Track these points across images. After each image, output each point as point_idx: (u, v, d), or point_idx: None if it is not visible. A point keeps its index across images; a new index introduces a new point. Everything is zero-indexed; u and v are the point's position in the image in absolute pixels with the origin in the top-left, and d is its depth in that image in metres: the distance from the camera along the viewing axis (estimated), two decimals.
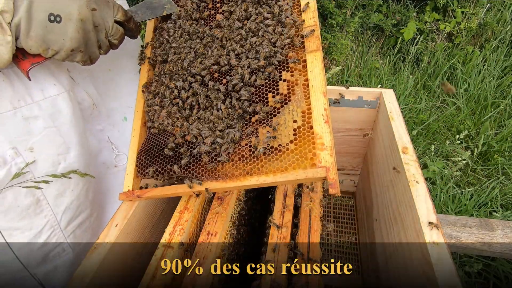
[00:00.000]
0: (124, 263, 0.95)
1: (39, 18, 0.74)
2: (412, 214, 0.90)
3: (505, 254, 1.78)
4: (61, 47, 0.80)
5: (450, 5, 4.12)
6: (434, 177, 2.73)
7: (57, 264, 1.08)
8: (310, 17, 0.95)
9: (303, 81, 0.89)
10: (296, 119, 0.84)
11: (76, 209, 1.09)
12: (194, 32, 1.06)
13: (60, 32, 0.78)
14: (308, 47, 0.91)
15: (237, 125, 0.88)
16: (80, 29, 0.80)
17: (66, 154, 1.02)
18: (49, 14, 0.75)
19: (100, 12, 0.84)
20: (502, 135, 3.09)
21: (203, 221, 0.96)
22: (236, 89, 0.93)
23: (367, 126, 1.53)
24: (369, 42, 4.37)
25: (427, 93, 3.73)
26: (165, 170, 0.93)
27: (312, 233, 0.89)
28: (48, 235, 1.03)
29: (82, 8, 0.79)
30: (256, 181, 0.81)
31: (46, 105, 0.95)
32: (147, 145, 1.01)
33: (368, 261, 1.42)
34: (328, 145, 0.77)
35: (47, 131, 0.96)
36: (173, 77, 1.03)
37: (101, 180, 1.21)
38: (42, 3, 0.74)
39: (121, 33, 0.92)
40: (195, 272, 0.81)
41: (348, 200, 1.86)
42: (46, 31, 0.76)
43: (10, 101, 0.88)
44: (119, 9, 0.89)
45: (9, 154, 0.90)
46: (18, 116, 0.90)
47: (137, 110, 1.10)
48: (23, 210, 0.96)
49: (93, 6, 0.81)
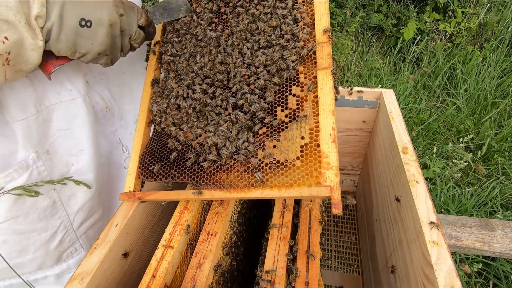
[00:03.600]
0: (124, 263, 0.95)
1: (70, 23, 0.74)
2: (412, 214, 0.90)
3: (505, 254, 1.78)
4: (88, 51, 0.81)
5: (451, 5, 4.12)
6: (435, 177, 2.73)
7: (70, 263, 1.11)
8: (322, 32, 0.94)
9: (312, 97, 0.88)
10: (304, 136, 0.84)
11: (89, 211, 1.11)
12: (204, 38, 1.05)
13: (90, 37, 0.79)
14: (319, 64, 0.90)
15: (244, 136, 0.88)
16: (109, 34, 0.81)
17: (79, 155, 1.03)
18: (80, 19, 0.75)
19: (127, 17, 0.85)
20: (502, 135, 3.09)
21: (203, 221, 0.96)
22: (249, 101, 0.93)
23: (367, 126, 1.53)
24: (369, 42, 4.37)
25: (427, 93, 3.73)
26: (168, 175, 0.93)
27: (312, 233, 0.89)
28: (62, 235, 1.05)
29: (112, 14, 0.80)
30: (260, 194, 0.81)
31: (61, 108, 0.96)
32: (151, 148, 1.01)
33: (368, 261, 1.42)
34: (334, 164, 0.78)
35: (61, 133, 0.98)
36: (181, 82, 1.03)
37: (113, 181, 1.22)
38: (74, 8, 0.74)
39: (142, 37, 0.93)
40: (195, 272, 0.81)
41: (348, 200, 1.86)
42: (76, 35, 0.77)
43: (34, 105, 0.90)
44: (142, 14, 0.90)
45: (31, 158, 0.92)
46: (40, 120, 0.92)
47: (141, 110, 1.09)
48: (41, 212, 0.98)
49: (121, 11, 0.83)
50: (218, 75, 0.98)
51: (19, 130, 0.88)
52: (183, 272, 0.89)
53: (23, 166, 0.91)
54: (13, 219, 0.93)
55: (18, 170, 0.90)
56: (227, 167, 0.87)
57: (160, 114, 1.05)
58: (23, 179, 0.91)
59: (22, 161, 0.90)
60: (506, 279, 2.11)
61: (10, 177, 0.89)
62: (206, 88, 0.97)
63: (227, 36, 1.03)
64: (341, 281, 1.49)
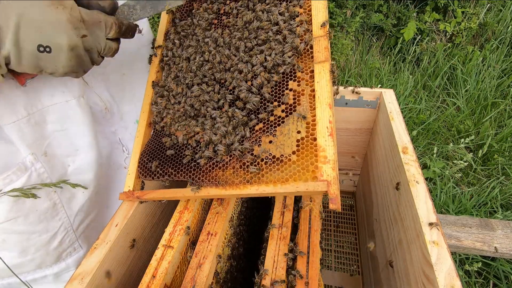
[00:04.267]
0: (124, 263, 0.95)
1: (28, 49, 0.72)
2: (412, 214, 0.90)
3: (505, 254, 1.78)
4: (54, 71, 0.79)
5: (451, 5, 4.12)
6: (435, 177, 2.73)
7: (68, 262, 1.11)
8: (320, 27, 0.93)
9: (309, 91, 0.88)
10: (300, 130, 0.83)
11: (88, 210, 1.11)
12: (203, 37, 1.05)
13: (52, 61, 0.77)
14: (316, 57, 0.89)
15: (240, 131, 0.88)
16: (71, 57, 0.78)
17: (76, 156, 1.03)
18: (38, 45, 0.73)
19: (91, 36, 0.80)
20: (502, 135, 3.09)
21: (203, 221, 0.96)
22: (244, 99, 0.92)
23: (367, 126, 1.53)
24: (369, 42, 4.37)
25: (427, 93, 3.73)
26: (166, 173, 0.93)
27: (312, 233, 0.89)
28: (62, 236, 1.06)
29: (71, 38, 0.75)
30: (256, 190, 0.80)
31: (55, 110, 0.95)
32: (149, 147, 1.01)
33: (368, 261, 1.42)
34: (331, 158, 0.76)
35: (56, 134, 0.98)
36: (180, 80, 1.03)
37: (112, 181, 1.22)
38: (29, 35, 0.71)
39: (114, 49, 0.88)
40: (195, 272, 0.81)
41: (348, 200, 1.86)
42: (37, 59, 0.75)
43: (24, 107, 0.89)
44: (112, 27, 0.83)
45: (29, 160, 0.92)
46: (32, 122, 0.91)
47: (142, 110, 1.09)
48: (41, 213, 0.98)
49: (83, 32, 0.78)
50: (217, 73, 0.98)
51: (13, 132, 0.88)
52: (183, 272, 0.89)
53: (21, 168, 0.91)
54: (13, 220, 0.93)
55: (16, 172, 0.90)
56: (223, 163, 0.87)
57: (160, 113, 1.05)
58: (22, 181, 0.91)
59: (20, 163, 0.91)
60: (506, 279, 2.11)
61: (9, 179, 0.89)
62: (204, 88, 0.98)
63: (226, 35, 1.03)
64: (341, 281, 1.49)
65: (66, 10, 0.74)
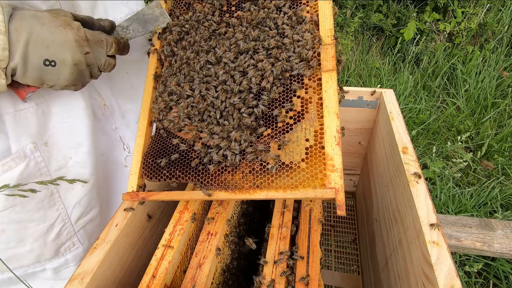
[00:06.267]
0: (124, 263, 0.95)
1: (34, 62, 0.79)
2: (412, 214, 0.90)
3: (505, 254, 1.78)
4: (55, 84, 0.85)
5: (450, 5, 4.13)
6: (434, 177, 2.73)
7: (67, 258, 1.11)
8: (327, 34, 0.94)
9: (317, 99, 0.89)
10: (308, 138, 0.85)
11: (87, 205, 1.12)
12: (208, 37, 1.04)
13: (55, 74, 0.83)
14: (324, 66, 0.91)
15: (248, 137, 0.88)
16: (73, 72, 0.85)
17: (77, 149, 1.05)
18: (44, 59, 0.79)
19: (93, 53, 0.87)
20: (502, 135, 3.09)
21: (203, 221, 0.96)
22: (252, 105, 0.92)
23: (367, 126, 1.53)
24: (369, 42, 4.37)
25: (427, 93, 3.73)
26: (173, 175, 0.92)
27: (312, 233, 0.89)
28: (60, 228, 1.06)
29: (75, 54, 0.83)
30: (266, 195, 0.82)
31: (61, 102, 0.98)
32: (155, 148, 1.00)
33: (368, 261, 1.42)
34: (339, 167, 0.79)
35: (60, 126, 1.00)
36: (185, 79, 1.01)
37: (113, 179, 1.23)
38: (37, 50, 0.78)
39: (113, 65, 0.95)
40: (195, 272, 0.81)
41: (348, 200, 1.86)
42: (42, 72, 0.81)
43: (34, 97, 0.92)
44: (112, 45, 0.92)
45: (29, 148, 0.94)
46: (39, 112, 0.94)
47: (143, 109, 1.08)
48: (39, 202, 0.99)
49: (87, 49, 0.85)
50: (223, 75, 0.97)
51: (19, 120, 0.91)
52: (183, 272, 0.89)
53: (21, 155, 0.93)
54: (11, 208, 0.94)
55: (15, 160, 0.92)
56: (232, 168, 0.87)
57: (161, 112, 1.04)
58: (20, 168, 0.93)
59: (20, 150, 0.92)
60: (506, 279, 2.11)
61: (8, 166, 0.91)
62: (212, 92, 0.97)
63: (234, 39, 1.01)
64: (341, 281, 1.50)
65: (73, 31, 0.82)
